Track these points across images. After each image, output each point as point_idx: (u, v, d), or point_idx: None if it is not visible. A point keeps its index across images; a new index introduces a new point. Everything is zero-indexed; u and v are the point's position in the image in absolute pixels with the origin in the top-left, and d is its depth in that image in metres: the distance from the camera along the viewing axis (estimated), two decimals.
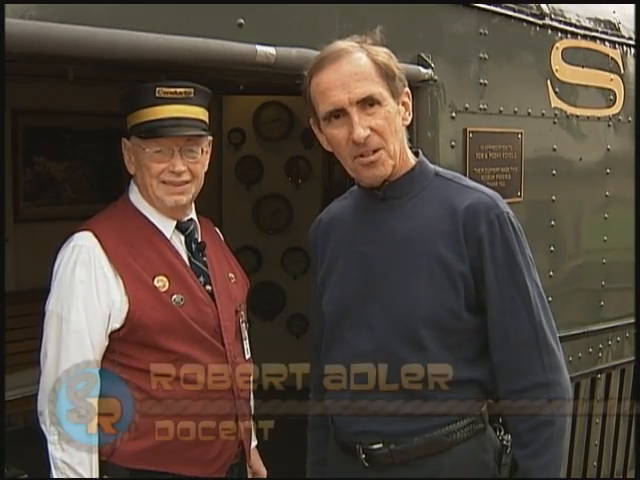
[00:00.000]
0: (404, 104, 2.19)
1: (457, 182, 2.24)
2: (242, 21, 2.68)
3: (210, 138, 2.54)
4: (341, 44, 2.14)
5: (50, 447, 2.27)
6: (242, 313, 2.59)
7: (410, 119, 2.22)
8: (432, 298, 2.11)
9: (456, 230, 2.13)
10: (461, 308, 2.12)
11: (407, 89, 2.21)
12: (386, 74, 2.12)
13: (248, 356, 2.55)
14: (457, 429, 2.15)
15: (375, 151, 2.11)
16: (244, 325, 2.58)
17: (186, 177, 2.45)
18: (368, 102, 2.09)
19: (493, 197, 2.18)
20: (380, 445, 2.16)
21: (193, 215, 2.58)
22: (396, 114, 2.15)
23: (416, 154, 2.27)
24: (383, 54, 2.14)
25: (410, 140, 2.27)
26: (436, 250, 2.13)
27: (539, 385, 2.09)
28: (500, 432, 2.26)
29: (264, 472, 2.74)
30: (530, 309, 2.13)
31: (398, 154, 2.16)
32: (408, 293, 2.14)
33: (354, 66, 2.10)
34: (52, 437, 2.25)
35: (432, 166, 2.28)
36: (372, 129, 2.09)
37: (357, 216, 2.28)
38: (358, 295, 2.20)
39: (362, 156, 2.12)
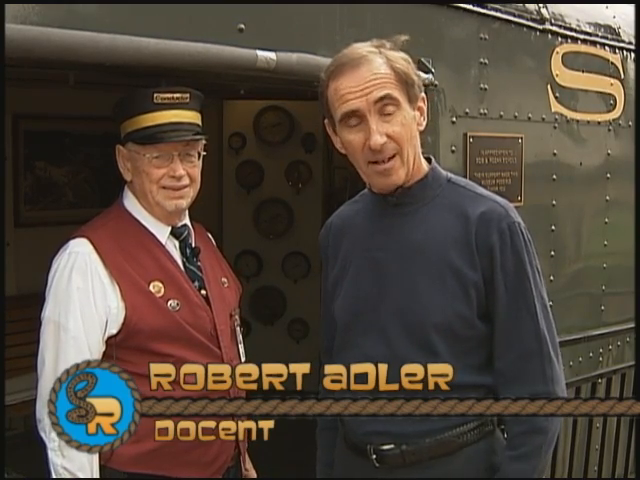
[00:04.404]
0: (419, 109, 2.20)
1: (470, 189, 2.25)
2: (243, 26, 2.68)
3: (204, 142, 2.55)
4: (361, 49, 2.14)
5: (50, 454, 2.28)
6: (236, 317, 2.62)
7: (425, 124, 2.23)
8: (444, 305, 2.12)
9: (468, 238, 2.14)
10: (473, 315, 2.14)
11: (423, 94, 2.22)
12: (405, 81, 2.13)
13: (243, 359, 2.58)
14: (467, 430, 2.16)
15: (390, 158, 2.12)
16: (238, 329, 2.61)
17: (185, 181, 2.47)
18: (385, 104, 2.09)
19: (505, 207, 2.19)
20: (392, 446, 2.17)
21: (187, 221, 2.60)
22: (412, 120, 2.15)
23: (428, 160, 2.27)
24: (402, 61, 2.14)
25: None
26: (449, 258, 2.14)
27: (538, 394, 2.07)
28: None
29: (254, 474, 2.75)
30: (535, 320, 2.14)
31: (412, 161, 2.17)
32: (421, 300, 2.15)
33: (373, 73, 2.10)
34: (52, 444, 2.25)
35: (444, 173, 2.28)
36: (388, 136, 2.10)
37: (370, 221, 2.28)
38: (371, 301, 2.20)
39: (377, 163, 2.13)
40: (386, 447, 2.17)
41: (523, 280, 2.14)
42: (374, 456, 2.19)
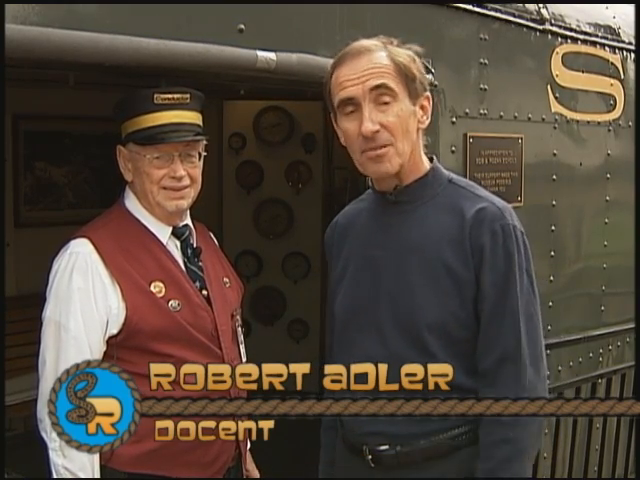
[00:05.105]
0: (422, 107, 2.21)
1: (470, 190, 2.24)
2: (243, 26, 2.68)
3: (205, 142, 2.55)
4: (365, 42, 2.17)
5: (51, 454, 2.28)
6: (238, 317, 2.62)
7: (427, 123, 2.23)
8: (438, 305, 2.13)
9: (463, 238, 2.14)
10: (468, 316, 2.13)
11: (428, 94, 2.23)
12: (405, 75, 2.14)
13: (244, 359, 2.58)
14: (462, 433, 2.15)
15: (383, 146, 2.12)
16: (240, 329, 2.61)
17: (186, 182, 2.47)
18: (381, 94, 2.11)
19: (502, 208, 2.18)
20: (386, 447, 2.17)
21: (188, 221, 2.60)
22: (410, 115, 2.16)
23: (431, 160, 2.28)
24: (405, 56, 2.17)
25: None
26: (444, 257, 2.14)
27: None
28: None
29: (256, 474, 2.75)
30: (517, 324, 2.11)
31: (408, 154, 2.17)
32: (415, 299, 2.15)
33: (373, 63, 2.13)
34: (53, 444, 2.25)
35: (446, 172, 2.29)
36: (382, 125, 2.11)
37: (370, 220, 2.30)
38: (368, 299, 2.21)
39: (370, 150, 2.13)
40: (381, 448, 2.18)
41: (510, 282, 2.12)
42: (370, 457, 2.20)
